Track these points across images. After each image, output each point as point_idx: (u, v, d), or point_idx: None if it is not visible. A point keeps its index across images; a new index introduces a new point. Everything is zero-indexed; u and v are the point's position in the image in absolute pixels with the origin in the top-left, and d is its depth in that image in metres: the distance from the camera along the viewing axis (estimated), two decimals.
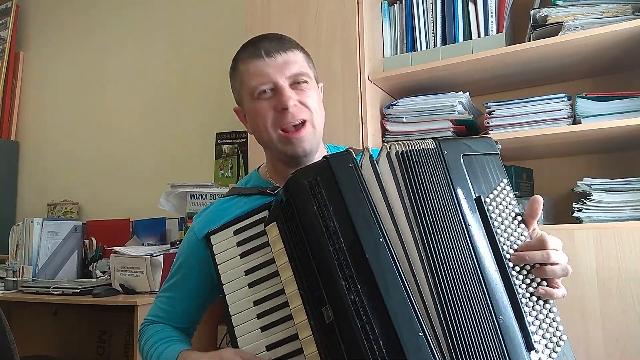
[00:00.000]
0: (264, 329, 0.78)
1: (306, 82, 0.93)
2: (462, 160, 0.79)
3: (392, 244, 0.71)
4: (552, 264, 0.74)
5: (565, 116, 1.50)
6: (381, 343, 0.65)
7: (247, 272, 0.82)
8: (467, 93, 1.67)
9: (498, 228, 0.76)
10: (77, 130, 3.04)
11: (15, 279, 2.13)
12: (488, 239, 0.74)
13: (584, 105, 1.46)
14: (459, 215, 0.74)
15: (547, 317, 0.73)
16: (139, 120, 2.81)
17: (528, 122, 1.53)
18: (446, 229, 0.73)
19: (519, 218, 0.78)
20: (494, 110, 1.58)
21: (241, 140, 2.34)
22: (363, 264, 0.69)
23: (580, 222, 1.42)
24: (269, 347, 0.77)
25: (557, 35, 1.47)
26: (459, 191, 0.76)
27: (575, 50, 1.51)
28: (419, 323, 0.66)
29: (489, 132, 1.57)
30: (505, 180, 0.80)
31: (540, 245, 0.75)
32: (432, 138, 0.82)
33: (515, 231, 0.77)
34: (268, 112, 0.92)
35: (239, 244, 0.84)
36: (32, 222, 2.28)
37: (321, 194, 0.73)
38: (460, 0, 1.69)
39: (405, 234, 0.72)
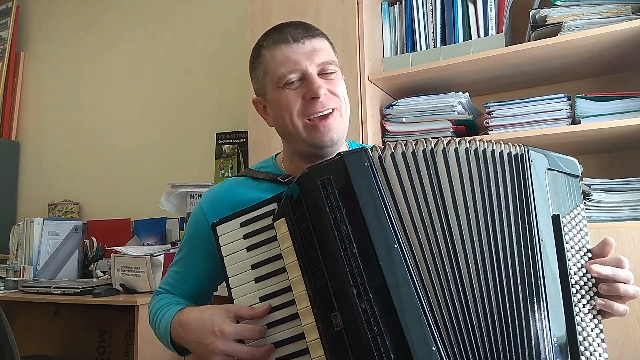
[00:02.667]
0: (269, 325, 0.76)
1: (334, 71, 0.89)
2: (546, 173, 0.76)
3: (407, 251, 0.68)
4: (625, 282, 0.73)
5: (565, 116, 1.50)
6: (392, 357, 0.63)
7: (254, 267, 0.79)
8: (467, 93, 1.67)
9: (568, 252, 0.74)
10: (78, 130, 3.05)
11: (16, 278, 2.14)
12: (558, 259, 0.72)
13: (583, 106, 1.47)
14: (533, 228, 0.72)
15: (593, 343, 0.72)
16: (140, 121, 2.81)
17: (527, 122, 1.53)
18: (511, 241, 0.71)
19: (588, 246, 0.77)
20: (493, 111, 1.58)
21: (241, 141, 2.35)
22: (375, 271, 0.66)
23: None
24: (275, 345, 0.75)
25: (556, 35, 1.47)
26: (538, 203, 0.73)
27: (574, 51, 1.51)
28: (432, 336, 0.64)
29: (489, 132, 1.57)
30: (581, 206, 0.78)
31: (618, 264, 0.74)
32: (521, 143, 0.78)
33: (582, 258, 0.75)
34: (295, 101, 0.87)
35: (246, 236, 0.80)
36: (32, 222, 2.29)
37: (334, 195, 0.69)
38: (460, 1, 1.69)
39: (424, 240, 0.70)
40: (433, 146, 0.74)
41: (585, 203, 0.80)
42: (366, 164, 0.71)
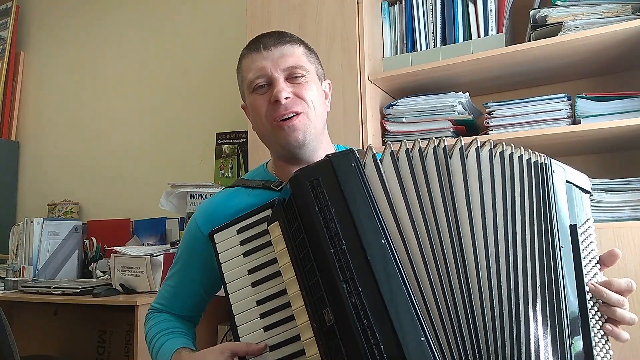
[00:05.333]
0: (267, 328, 0.77)
1: (302, 75, 0.92)
2: (565, 185, 0.78)
3: (398, 246, 0.69)
4: (622, 307, 0.75)
5: (565, 116, 1.50)
6: (382, 348, 0.64)
7: (250, 271, 0.81)
8: (467, 93, 1.67)
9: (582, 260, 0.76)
10: (78, 130, 3.05)
11: (16, 278, 2.13)
12: (575, 266, 0.74)
13: (583, 106, 1.46)
14: (554, 234, 0.73)
15: (604, 357, 0.73)
16: (140, 121, 2.81)
17: (528, 122, 1.53)
18: (533, 242, 0.72)
19: (597, 259, 0.79)
20: (493, 111, 1.58)
21: (241, 140, 2.35)
22: (364, 266, 0.67)
23: None
24: (273, 348, 0.76)
25: (556, 35, 1.47)
26: (559, 212, 0.75)
27: (575, 51, 1.51)
28: (422, 327, 0.65)
29: (489, 132, 1.57)
30: (591, 220, 0.80)
31: (629, 287, 0.76)
32: (535, 151, 0.80)
33: (592, 270, 0.77)
34: (263, 104, 0.92)
35: (242, 242, 0.83)
36: (32, 222, 2.29)
37: (322, 194, 0.71)
38: (460, 1, 1.69)
39: (418, 236, 0.70)
40: (445, 145, 0.75)
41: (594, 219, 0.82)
42: (353, 164, 0.73)
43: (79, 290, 1.82)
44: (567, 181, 0.79)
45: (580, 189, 0.81)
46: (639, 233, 1.31)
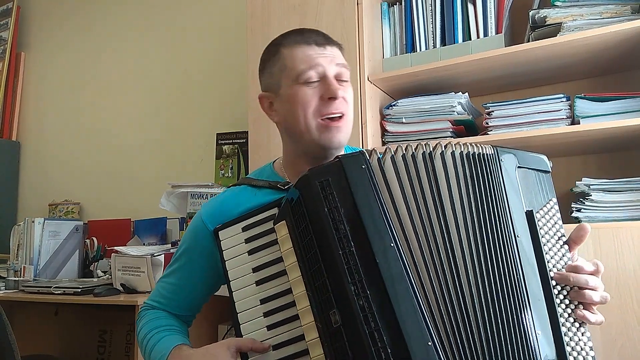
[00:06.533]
0: (270, 327, 0.77)
1: (347, 80, 0.94)
2: (516, 171, 0.79)
3: (404, 249, 0.69)
4: (592, 289, 0.74)
5: (564, 116, 1.50)
6: (389, 351, 0.64)
7: (255, 270, 0.81)
8: (467, 93, 1.67)
9: (545, 245, 0.76)
10: (78, 130, 3.05)
11: (17, 278, 2.14)
12: (535, 253, 0.74)
13: (582, 106, 1.47)
14: (509, 225, 0.74)
15: (580, 340, 0.73)
16: (140, 121, 2.81)
17: (527, 123, 1.53)
18: (490, 237, 0.73)
19: (564, 239, 0.78)
20: (493, 111, 1.58)
21: (242, 141, 2.35)
22: (373, 269, 0.67)
23: (579, 222, 1.42)
24: (275, 347, 0.76)
25: (556, 36, 1.48)
26: (511, 201, 0.76)
27: (574, 51, 1.51)
28: (429, 331, 0.65)
29: (489, 132, 1.57)
30: (554, 200, 0.80)
31: (597, 269, 0.76)
32: (493, 145, 0.80)
33: (559, 251, 0.77)
34: (312, 99, 0.89)
35: (248, 240, 0.83)
36: (33, 222, 2.29)
37: (332, 195, 0.71)
38: (459, 1, 1.69)
39: (419, 239, 0.71)
40: (432, 149, 0.76)
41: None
42: (363, 166, 0.73)
43: (79, 290, 1.83)
44: (518, 166, 0.79)
45: (537, 170, 0.81)
46: (639, 233, 1.31)
